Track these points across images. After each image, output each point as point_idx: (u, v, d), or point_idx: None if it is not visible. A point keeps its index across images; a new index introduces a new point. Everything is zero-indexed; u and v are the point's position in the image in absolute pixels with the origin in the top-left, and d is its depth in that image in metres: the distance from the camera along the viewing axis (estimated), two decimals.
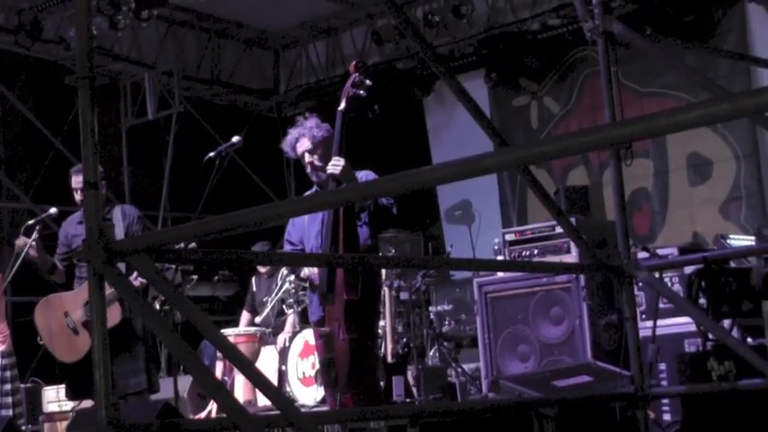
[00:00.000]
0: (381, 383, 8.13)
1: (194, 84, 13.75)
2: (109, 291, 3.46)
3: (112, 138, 13.16)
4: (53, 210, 7.46)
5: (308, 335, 8.37)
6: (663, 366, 7.11)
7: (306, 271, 6.33)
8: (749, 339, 5.97)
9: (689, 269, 7.05)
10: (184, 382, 9.42)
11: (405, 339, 9.86)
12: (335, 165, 6.02)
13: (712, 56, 10.90)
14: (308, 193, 6.55)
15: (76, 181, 7.30)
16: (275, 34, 14.39)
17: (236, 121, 13.48)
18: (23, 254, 7.18)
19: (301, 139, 6.32)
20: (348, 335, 5.94)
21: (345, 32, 14.01)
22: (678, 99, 11.10)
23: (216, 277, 12.17)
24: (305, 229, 6.38)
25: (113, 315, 6.84)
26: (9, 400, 8.35)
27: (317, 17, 13.86)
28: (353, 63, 6.32)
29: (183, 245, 5.25)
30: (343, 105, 6.17)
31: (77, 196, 7.31)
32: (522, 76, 12.66)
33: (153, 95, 12.67)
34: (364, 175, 6.23)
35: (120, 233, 7.10)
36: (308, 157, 6.29)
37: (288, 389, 8.55)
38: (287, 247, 6.53)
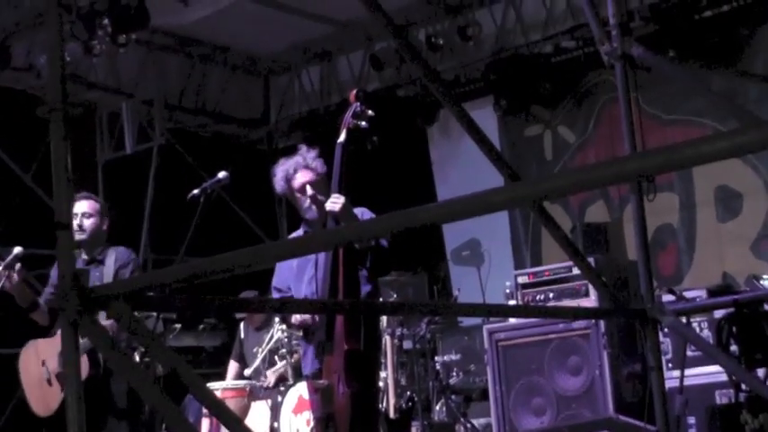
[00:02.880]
0: None
1: (177, 114, 13.78)
2: (81, 341, 3.45)
3: (87, 173, 13.17)
4: (17, 249, 7.38)
5: (303, 389, 8.34)
6: (692, 420, 7.09)
7: (298, 316, 6.32)
8: None
9: (719, 313, 7.04)
10: None
11: (408, 392, 9.83)
12: (335, 202, 6.02)
13: (741, 80, 10.93)
14: (294, 233, 6.55)
15: (79, 206, 7.37)
16: (265, 59, 14.44)
17: (222, 154, 13.49)
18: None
19: (303, 170, 6.32)
20: (349, 388, 5.92)
21: (341, 56, 14.05)
22: (704, 127, 11.12)
23: (201, 326, 12.15)
24: (294, 274, 6.37)
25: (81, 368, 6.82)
26: None
27: (311, 40, 13.91)
28: (354, 92, 6.34)
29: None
30: (343, 137, 6.18)
31: (75, 222, 7.31)
32: (535, 103, 12.68)
33: (131, 127, 12.70)
34: (360, 214, 6.23)
35: (110, 279, 7.14)
36: (309, 191, 6.29)
37: None
38: (275, 295, 6.52)
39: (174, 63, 13.71)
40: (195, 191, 6.84)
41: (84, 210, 7.42)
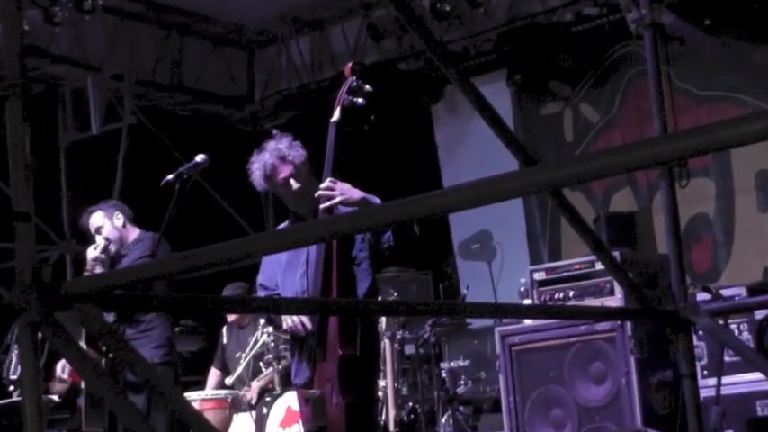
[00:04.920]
0: None
1: (150, 90, 13.78)
2: None
3: (49, 157, 13.17)
4: None
5: (291, 399, 8.36)
6: None
7: (289, 321, 6.31)
8: None
9: (760, 314, 7.05)
10: None
11: (411, 403, 9.84)
12: (330, 191, 6.01)
13: None
14: (283, 225, 6.55)
15: (91, 224, 8.03)
16: (249, 29, 14.44)
17: (201, 135, 13.50)
18: None
19: (281, 165, 6.30)
20: (344, 398, 5.92)
21: (335, 26, 14.05)
22: (744, 105, 11.12)
23: (177, 329, 12.16)
24: (282, 271, 6.37)
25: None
26: None
27: (301, 7, 13.90)
28: (349, 65, 6.34)
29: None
30: (337, 116, 6.18)
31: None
32: (553, 78, 12.69)
33: (98, 105, 12.69)
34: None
35: None
36: (294, 184, 6.29)
37: None
38: (261, 293, 6.52)
39: (146, 33, 13.70)
40: (170, 177, 6.86)
41: (93, 228, 8.03)
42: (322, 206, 6.03)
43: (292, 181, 6.28)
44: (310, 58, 14.33)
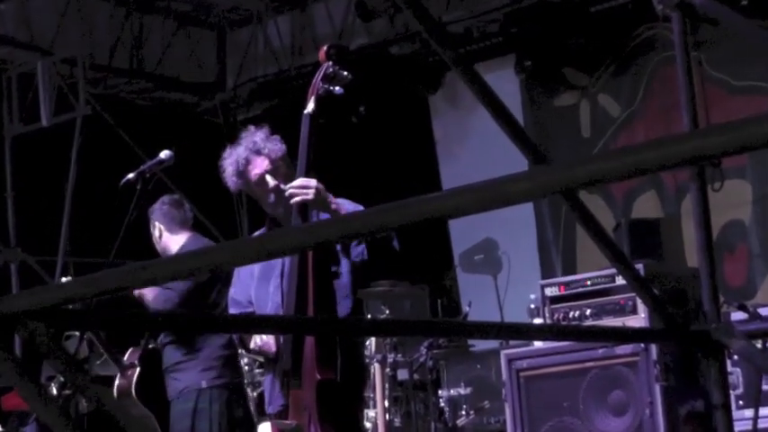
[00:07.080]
0: None
1: (107, 76, 13.78)
2: None
3: None
4: None
5: (266, 430, 8.36)
6: None
7: (258, 340, 6.30)
8: None
9: None
10: None
11: None
12: (304, 188, 6.00)
13: None
14: (258, 233, 6.54)
15: None
16: (220, 6, 14.44)
17: (165, 128, 13.50)
18: None
19: (255, 159, 6.31)
20: (323, 430, 5.93)
21: (319, 3, 14.06)
22: None
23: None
24: (255, 284, 6.37)
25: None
26: None
27: None
28: (324, 48, 6.33)
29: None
30: (311, 107, 6.18)
31: None
32: (568, 64, 12.71)
33: (48, 93, 12.68)
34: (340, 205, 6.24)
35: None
36: (271, 181, 6.28)
37: None
38: (232, 309, 6.52)
39: (103, 11, 13.70)
40: (130, 175, 6.86)
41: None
42: (292, 201, 6.03)
43: (268, 177, 6.27)
44: (290, 40, 14.34)
